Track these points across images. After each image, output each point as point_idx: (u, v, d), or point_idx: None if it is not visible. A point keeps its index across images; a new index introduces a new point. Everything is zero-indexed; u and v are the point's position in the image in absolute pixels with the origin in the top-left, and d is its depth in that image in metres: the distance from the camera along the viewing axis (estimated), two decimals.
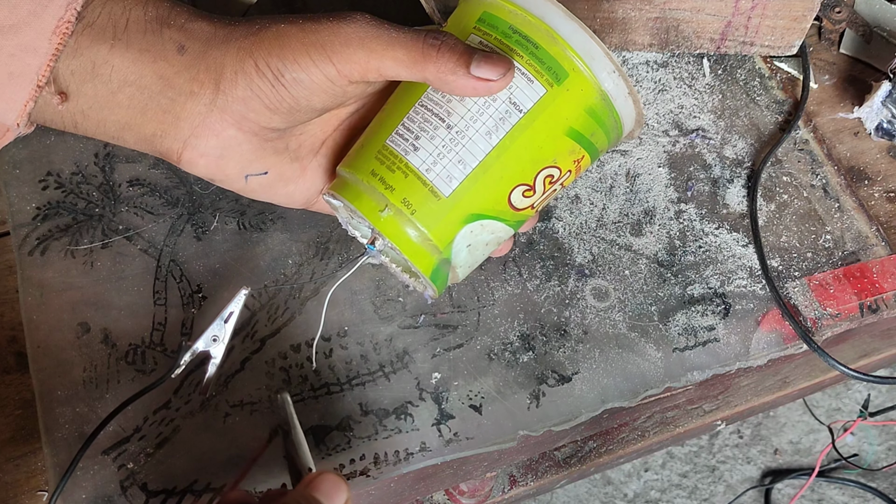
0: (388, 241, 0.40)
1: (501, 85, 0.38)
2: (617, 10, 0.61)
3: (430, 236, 0.39)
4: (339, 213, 0.45)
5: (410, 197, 0.39)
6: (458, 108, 0.39)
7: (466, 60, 0.38)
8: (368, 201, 0.40)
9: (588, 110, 0.40)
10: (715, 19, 0.62)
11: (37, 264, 0.51)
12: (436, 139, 0.39)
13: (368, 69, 0.38)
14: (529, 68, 0.39)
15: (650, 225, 0.56)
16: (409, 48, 0.38)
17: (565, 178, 0.42)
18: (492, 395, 0.49)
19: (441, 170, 0.39)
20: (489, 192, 0.40)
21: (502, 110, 0.39)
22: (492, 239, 0.42)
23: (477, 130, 0.39)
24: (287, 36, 0.38)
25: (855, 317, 0.53)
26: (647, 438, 0.74)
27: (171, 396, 0.48)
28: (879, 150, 0.62)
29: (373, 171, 0.40)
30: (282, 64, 0.38)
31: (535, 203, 0.42)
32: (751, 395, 0.72)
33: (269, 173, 0.42)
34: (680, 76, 0.64)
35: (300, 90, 0.38)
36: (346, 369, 0.49)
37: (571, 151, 0.41)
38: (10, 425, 0.52)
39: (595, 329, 0.52)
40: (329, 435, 0.47)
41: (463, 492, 0.76)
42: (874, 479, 1.31)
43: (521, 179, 0.40)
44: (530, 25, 0.39)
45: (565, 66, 0.39)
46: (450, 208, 0.39)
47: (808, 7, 0.60)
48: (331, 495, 0.37)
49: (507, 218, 0.41)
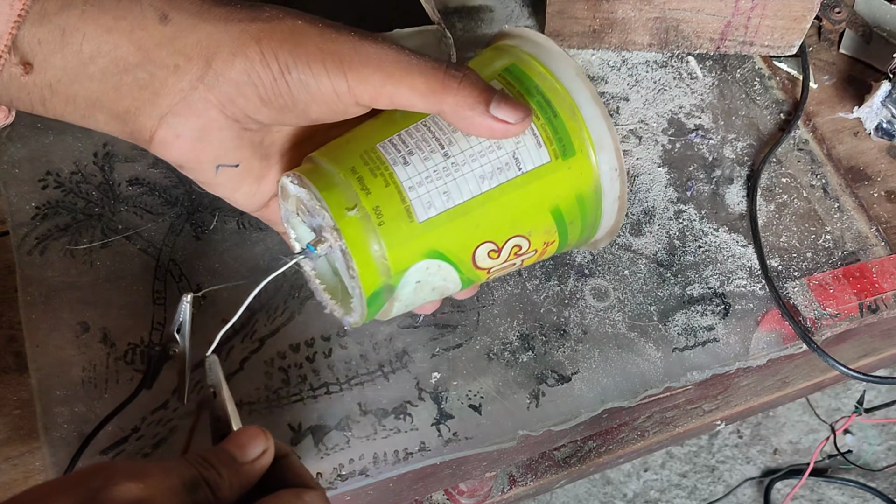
0: (343, 243, 0.37)
1: (517, 130, 0.37)
2: (617, 10, 0.61)
3: (388, 255, 0.37)
4: (287, 202, 0.41)
5: (384, 207, 0.37)
6: (462, 142, 0.38)
7: (487, 98, 0.36)
8: (338, 195, 0.37)
9: (578, 197, 0.39)
10: (715, 19, 0.62)
11: (36, 264, 0.51)
12: (429, 161, 0.37)
13: (381, 94, 0.36)
14: (542, 132, 0.38)
15: (650, 225, 0.56)
16: (429, 77, 0.36)
17: (528, 256, 0.41)
18: (491, 394, 0.49)
19: (424, 193, 0.37)
20: (460, 236, 0.38)
21: (503, 161, 0.38)
22: (439, 286, 0.39)
23: (472, 170, 0.37)
24: (304, 35, 0.36)
25: (854, 317, 0.53)
26: (646, 438, 0.74)
27: (169, 397, 0.48)
28: (879, 150, 0.62)
29: (353, 168, 0.38)
30: (292, 61, 0.36)
31: (492, 268, 0.40)
32: (750, 395, 0.72)
33: (239, 166, 0.40)
34: (680, 76, 0.64)
35: (303, 94, 0.37)
36: (345, 369, 0.49)
37: (547, 231, 0.40)
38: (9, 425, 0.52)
39: (594, 329, 0.52)
40: (328, 434, 0.47)
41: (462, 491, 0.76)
42: (874, 479, 1.31)
43: (493, 236, 0.38)
44: (556, 93, 0.39)
45: (576, 144, 0.38)
46: (418, 235, 0.37)
47: (807, 7, 0.60)
48: (244, 447, 0.35)
49: (463, 271, 0.39)
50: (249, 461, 0.35)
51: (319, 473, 0.46)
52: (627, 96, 0.62)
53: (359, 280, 0.37)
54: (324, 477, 0.46)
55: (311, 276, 0.42)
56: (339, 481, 0.46)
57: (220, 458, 0.35)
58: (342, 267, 0.39)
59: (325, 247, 0.38)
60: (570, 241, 0.42)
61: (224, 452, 0.35)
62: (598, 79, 0.63)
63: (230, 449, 0.35)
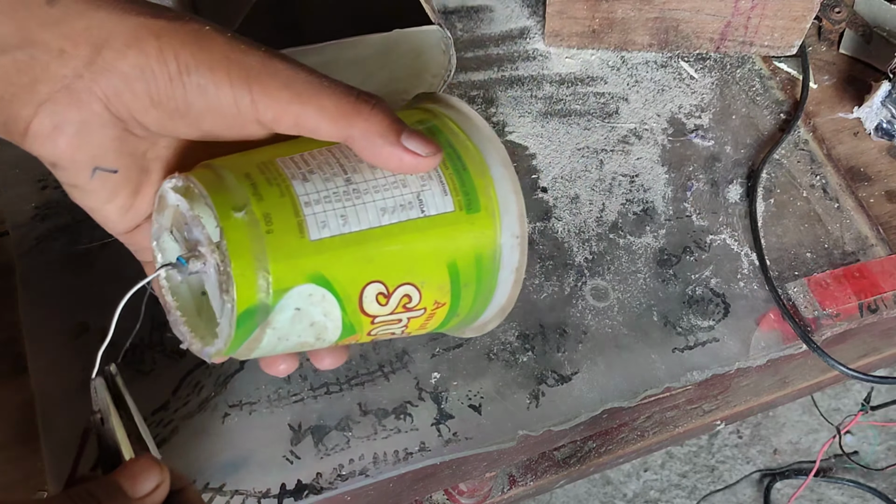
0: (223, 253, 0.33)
1: (427, 165, 0.35)
2: (617, 10, 0.61)
3: (271, 268, 0.33)
4: (163, 216, 0.37)
5: (275, 216, 0.33)
6: (366, 173, 0.35)
7: (399, 128, 0.34)
8: (226, 198, 0.34)
9: (477, 257, 0.37)
10: (714, 19, 0.62)
11: (36, 264, 0.51)
12: (330, 183, 0.35)
13: (286, 113, 0.34)
14: (449, 181, 0.37)
15: (650, 225, 0.56)
16: (340, 99, 0.34)
17: (416, 315, 0.38)
18: (491, 395, 0.49)
19: (320, 212, 0.34)
20: (351, 266, 0.35)
21: (407, 199, 0.36)
22: (318, 322, 0.35)
23: (374, 200, 0.35)
24: (210, 40, 0.33)
25: (854, 317, 0.53)
26: (646, 438, 0.74)
27: (170, 397, 0.48)
28: (879, 150, 0.62)
29: (248, 174, 0.34)
30: (194, 63, 0.33)
31: (377, 318, 0.37)
32: (750, 395, 0.72)
33: (118, 172, 0.36)
34: (680, 76, 0.64)
35: (199, 100, 0.33)
36: (345, 369, 0.49)
37: (440, 288, 0.37)
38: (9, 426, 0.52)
39: (594, 329, 0.52)
40: (328, 435, 0.47)
41: (462, 492, 0.76)
42: (874, 479, 1.31)
43: (384, 277, 0.36)
44: (467, 150, 0.38)
45: (482, 201, 0.37)
46: (307, 253, 0.34)
47: (807, 7, 0.60)
48: (136, 479, 0.33)
49: (348, 311, 0.36)
50: (140, 497, 0.33)
51: (319, 473, 0.46)
52: (627, 96, 0.62)
53: (233, 292, 0.33)
54: (324, 477, 0.46)
55: (167, 296, 0.38)
56: (339, 481, 0.46)
57: (109, 492, 0.32)
58: (213, 286, 0.35)
59: (198, 263, 0.35)
60: (460, 309, 0.39)
61: (113, 485, 0.32)
62: (598, 79, 0.63)
63: (120, 481, 0.33)
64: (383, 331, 0.38)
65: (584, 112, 0.61)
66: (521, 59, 0.64)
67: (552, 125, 0.61)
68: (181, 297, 0.38)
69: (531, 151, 0.59)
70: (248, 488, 0.45)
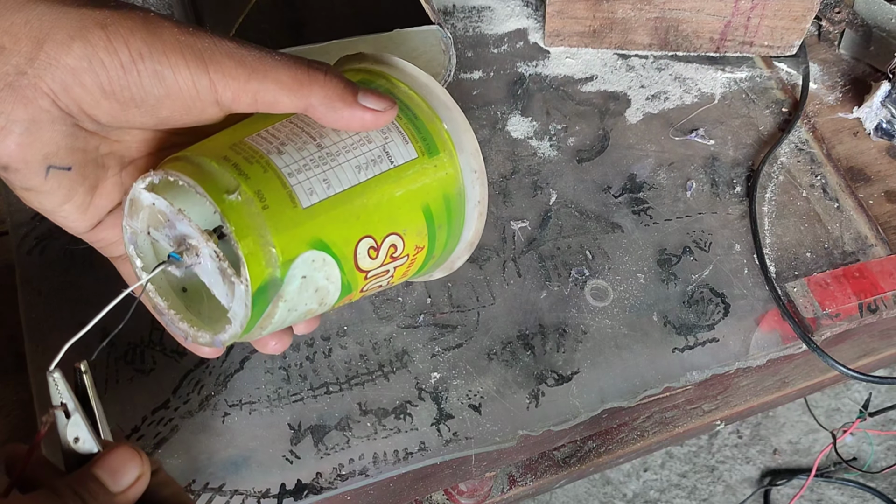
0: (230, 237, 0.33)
1: (386, 118, 0.36)
2: (617, 10, 0.61)
3: (275, 242, 0.34)
4: (137, 219, 0.36)
5: (266, 192, 0.34)
6: (332, 135, 0.37)
7: (354, 89, 0.35)
8: (214, 182, 0.34)
9: (445, 197, 0.40)
10: (714, 19, 0.62)
11: (35, 264, 0.51)
12: (304, 151, 0.36)
13: (245, 90, 0.34)
14: (406, 130, 0.39)
15: (650, 225, 0.56)
16: (294, 71, 0.34)
17: (401, 262, 0.39)
18: (491, 394, 0.49)
19: (304, 180, 0.35)
20: (343, 226, 0.36)
21: (375, 154, 0.37)
22: (322, 287, 0.37)
23: (348, 160, 0.36)
24: (160, 26, 0.33)
25: (854, 317, 0.53)
26: (646, 438, 0.74)
27: (170, 396, 0.48)
28: (879, 150, 0.62)
29: (226, 157, 0.35)
30: (147, 49, 0.32)
31: (370, 272, 0.38)
32: (750, 395, 0.72)
33: (72, 170, 0.35)
34: (680, 76, 0.64)
35: (156, 87, 0.33)
36: (345, 369, 0.49)
37: (419, 232, 0.39)
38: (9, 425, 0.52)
39: (594, 329, 0.52)
40: (328, 434, 0.47)
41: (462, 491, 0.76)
42: (873, 480, 1.31)
43: (372, 230, 0.37)
44: (411, 99, 0.39)
45: (438, 144, 0.39)
46: (303, 221, 0.35)
47: (807, 7, 0.60)
48: (117, 473, 0.32)
49: (345, 270, 0.37)
50: (123, 490, 0.32)
51: (319, 473, 0.46)
52: (627, 96, 0.62)
53: (245, 272, 0.33)
54: (324, 476, 0.46)
55: (163, 304, 0.37)
56: (339, 481, 0.46)
57: (90, 487, 0.31)
58: (213, 273, 0.35)
59: (191, 256, 0.35)
60: (436, 250, 0.41)
61: (94, 481, 0.31)
62: (598, 79, 0.63)
63: (100, 476, 0.32)
64: (373, 285, 0.39)
65: (584, 111, 0.61)
66: (521, 59, 0.64)
67: (552, 125, 0.61)
68: (169, 297, 0.38)
69: (531, 151, 0.59)
70: (248, 488, 0.45)
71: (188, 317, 0.37)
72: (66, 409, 0.34)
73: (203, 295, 0.37)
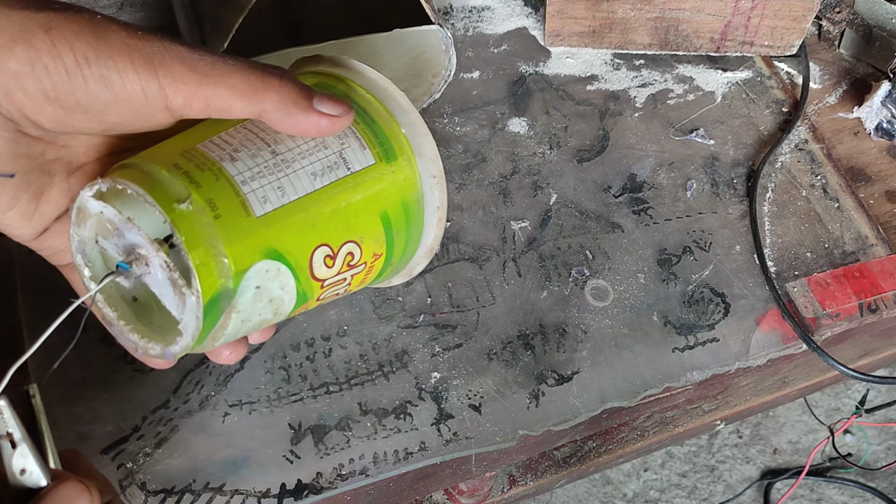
0: (180, 247, 0.32)
1: (343, 123, 0.35)
2: (617, 10, 0.61)
3: (227, 252, 0.33)
4: (84, 228, 0.35)
5: (218, 200, 0.33)
6: (287, 142, 0.36)
7: (309, 93, 0.34)
8: (164, 191, 0.32)
9: (404, 203, 0.39)
10: (714, 19, 0.62)
11: (36, 264, 0.51)
12: (258, 158, 0.35)
13: (196, 96, 0.33)
14: (364, 135, 0.38)
15: (650, 225, 0.56)
16: (247, 75, 0.33)
17: (359, 270, 0.39)
18: (491, 394, 0.49)
19: (258, 188, 0.34)
20: (298, 235, 0.35)
21: (332, 160, 0.37)
22: (277, 297, 0.36)
23: (303, 167, 0.36)
24: (107, 29, 0.31)
25: (854, 317, 0.53)
26: (646, 438, 0.74)
27: (170, 396, 0.48)
28: (879, 150, 0.62)
29: (177, 164, 0.33)
30: (93, 54, 0.31)
31: (326, 281, 0.37)
32: (750, 394, 0.72)
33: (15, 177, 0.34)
34: (680, 76, 0.64)
35: (104, 92, 0.32)
36: (345, 369, 0.49)
37: (377, 240, 0.38)
38: None
39: (594, 329, 0.52)
40: (328, 434, 0.47)
41: (462, 491, 0.76)
42: (873, 479, 1.31)
43: (329, 239, 0.37)
44: (369, 103, 0.38)
45: (396, 149, 0.38)
46: (256, 230, 0.34)
47: (807, 7, 0.60)
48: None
49: (301, 279, 0.36)
50: None
51: (319, 473, 0.46)
52: (627, 96, 0.62)
53: (196, 283, 0.32)
54: (324, 476, 0.46)
55: (105, 308, 0.36)
56: (339, 481, 0.46)
57: None
58: (164, 284, 0.34)
59: (141, 266, 0.34)
60: (394, 257, 0.40)
61: None
62: (599, 78, 0.63)
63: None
64: (330, 293, 0.39)
65: (584, 111, 0.61)
66: (521, 59, 0.64)
67: (552, 124, 0.61)
68: (118, 307, 0.37)
69: (531, 151, 0.59)
70: (248, 488, 0.46)
71: (138, 328, 0.36)
72: (11, 439, 0.32)
73: (154, 305, 0.36)
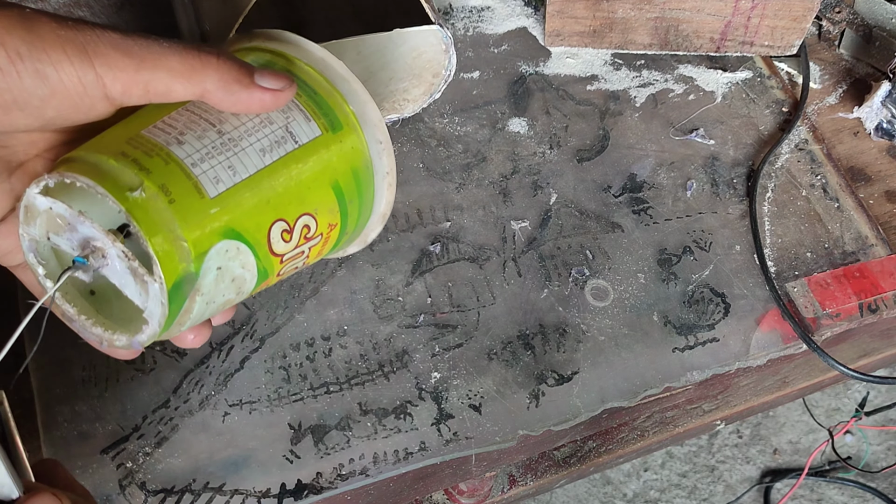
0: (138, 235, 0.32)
1: (286, 97, 0.35)
2: (617, 10, 0.61)
3: (186, 236, 0.33)
4: (34, 226, 0.34)
5: (171, 185, 0.33)
6: (232, 120, 0.35)
7: (250, 70, 0.34)
8: (115, 180, 0.32)
9: (353, 171, 0.39)
10: (715, 19, 0.62)
11: None
12: (204, 139, 0.34)
13: (135, 82, 0.32)
14: (308, 108, 0.38)
15: (650, 225, 0.56)
16: (185, 56, 0.33)
17: (315, 241, 0.39)
18: (491, 394, 0.49)
19: (209, 168, 0.34)
20: (253, 212, 0.35)
21: (279, 135, 0.36)
22: (239, 276, 0.36)
23: (251, 144, 0.35)
24: (37, 22, 0.30)
25: (854, 317, 0.53)
26: (646, 438, 0.74)
27: (171, 395, 0.48)
28: (879, 150, 0.62)
29: (123, 153, 0.33)
30: (25, 48, 0.30)
31: (285, 255, 0.38)
32: (750, 394, 0.72)
33: None
34: (680, 76, 0.64)
35: (40, 87, 0.31)
36: (345, 369, 0.49)
37: (331, 210, 0.39)
38: None
39: (594, 329, 0.52)
40: (328, 434, 0.47)
41: (462, 491, 0.76)
42: (874, 480, 1.31)
43: (284, 213, 0.37)
44: (308, 75, 0.38)
45: (341, 118, 0.38)
46: (213, 212, 0.34)
47: (807, 7, 0.60)
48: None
49: (260, 256, 0.36)
50: None
51: (319, 473, 0.46)
52: (628, 96, 0.62)
53: (159, 270, 0.32)
54: (324, 476, 0.46)
55: (71, 311, 0.36)
56: (339, 481, 0.46)
57: None
58: (124, 274, 0.34)
59: (98, 259, 0.34)
60: (349, 226, 0.41)
61: None
62: (599, 78, 0.63)
63: None
64: (289, 267, 0.39)
65: (584, 111, 0.61)
66: (521, 59, 0.64)
67: (553, 124, 0.61)
68: (77, 302, 0.36)
69: (531, 150, 0.59)
70: (248, 487, 0.46)
71: (100, 320, 0.36)
72: None
73: (112, 296, 0.36)
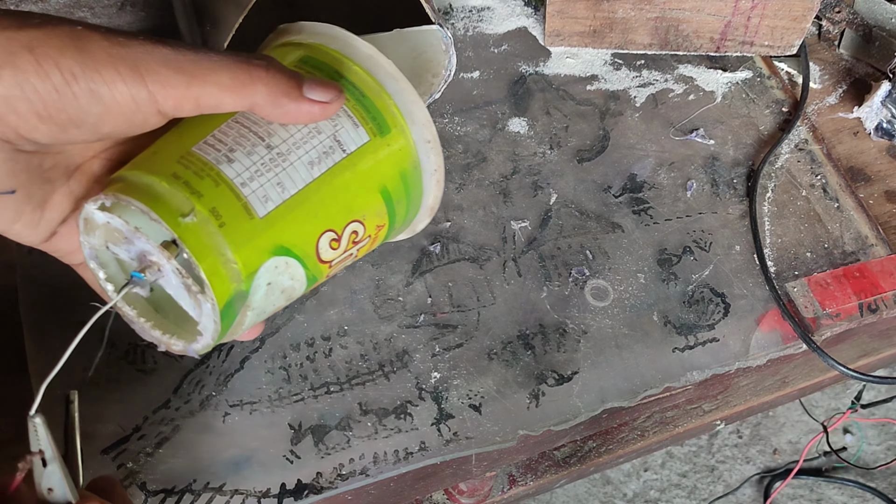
0: (185, 255, 0.33)
1: (334, 109, 0.35)
2: (617, 10, 0.61)
3: (236, 258, 0.34)
4: (94, 236, 0.36)
5: (221, 208, 0.33)
6: (280, 132, 0.36)
7: (298, 82, 0.34)
8: (167, 204, 0.33)
9: (402, 174, 0.39)
10: (715, 19, 0.62)
11: (36, 264, 0.51)
12: (254, 155, 0.35)
13: (186, 97, 0.33)
14: (355, 113, 0.37)
15: (650, 225, 0.56)
16: (234, 71, 0.33)
17: (363, 244, 0.39)
18: (491, 394, 0.49)
19: (258, 187, 0.34)
20: (302, 227, 0.36)
21: (326, 145, 0.36)
22: (288, 287, 0.37)
23: (299, 157, 0.36)
24: (88, 40, 0.31)
25: (854, 317, 0.53)
26: (646, 438, 0.74)
27: (171, 396, 0.48)
28: (879, 150, 0.62)
29: (175, 174, 0.34)
30: (79, 69, 0.31)
31: (333, 261, 0.38)
32: (750, 394, 0.72)
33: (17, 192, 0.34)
34: (680, 76, 0.64)
35: (94, 106, 0.32)
36: (345, 369, 0.49)
37: (378, 213, 0.39)
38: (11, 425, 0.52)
39: (594, 329, 0.52)
40: (328, 434, 0.47)
41: (462, 491, 0.76)
42: (873, 479, 1.31)
43: (332, 224, 0.37)
44: (356, 75, 0.38)
45: (389, 121, 0.38)
46: (262, 231, 0.34)
47: (807, 7, 0.60)
48: None
49: (309, 266, 0.37)
50: None
51: (319, 473, 0.46)
52: (628, 96, 0.62)
53: (210, 292, 0.33)
54: (324, 476, 0.46)
55: (132, 314, 0.37)
56: (340, 481, 0.46)
57: None
58: (179, 288, 0.35)
59: (154, 272, 0.35)
60: (397, 223, 0.41)
61: None
62: (599, 78, 0.63)
63: None
64: (339, 268, 0.39)
65: (584, 111, 0.61)
66: (521, 59, 0.64)
67: (553, 124, 0.61)
68: (138, 304, 0.37)
69: (532, 151, 0.59)
70: (249, 487, 0.46)
71: (159, 322, 0.37)
72: (43, 458, 0.34)
73: (169, 297, 0.37)
